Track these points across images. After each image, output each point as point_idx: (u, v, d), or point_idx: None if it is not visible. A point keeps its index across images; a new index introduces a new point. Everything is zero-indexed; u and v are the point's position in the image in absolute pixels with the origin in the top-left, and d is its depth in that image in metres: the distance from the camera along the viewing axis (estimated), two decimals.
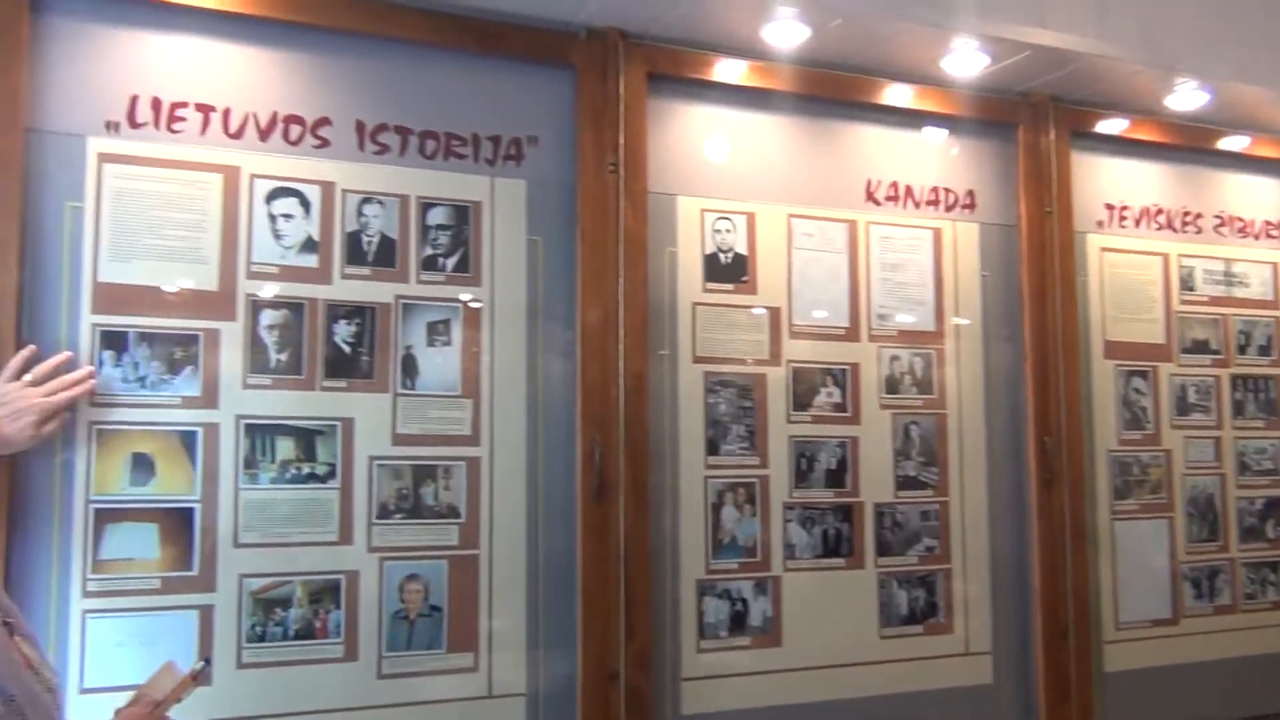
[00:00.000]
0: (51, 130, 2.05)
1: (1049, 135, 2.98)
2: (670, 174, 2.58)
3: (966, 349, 2.86)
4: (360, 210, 2.28)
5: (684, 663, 2.47)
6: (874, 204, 2.80)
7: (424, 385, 2.30)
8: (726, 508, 2.55)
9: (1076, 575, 2.86)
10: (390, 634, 2.22)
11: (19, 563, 1.97)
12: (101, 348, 2.06)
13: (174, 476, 2.09)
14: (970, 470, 2.82)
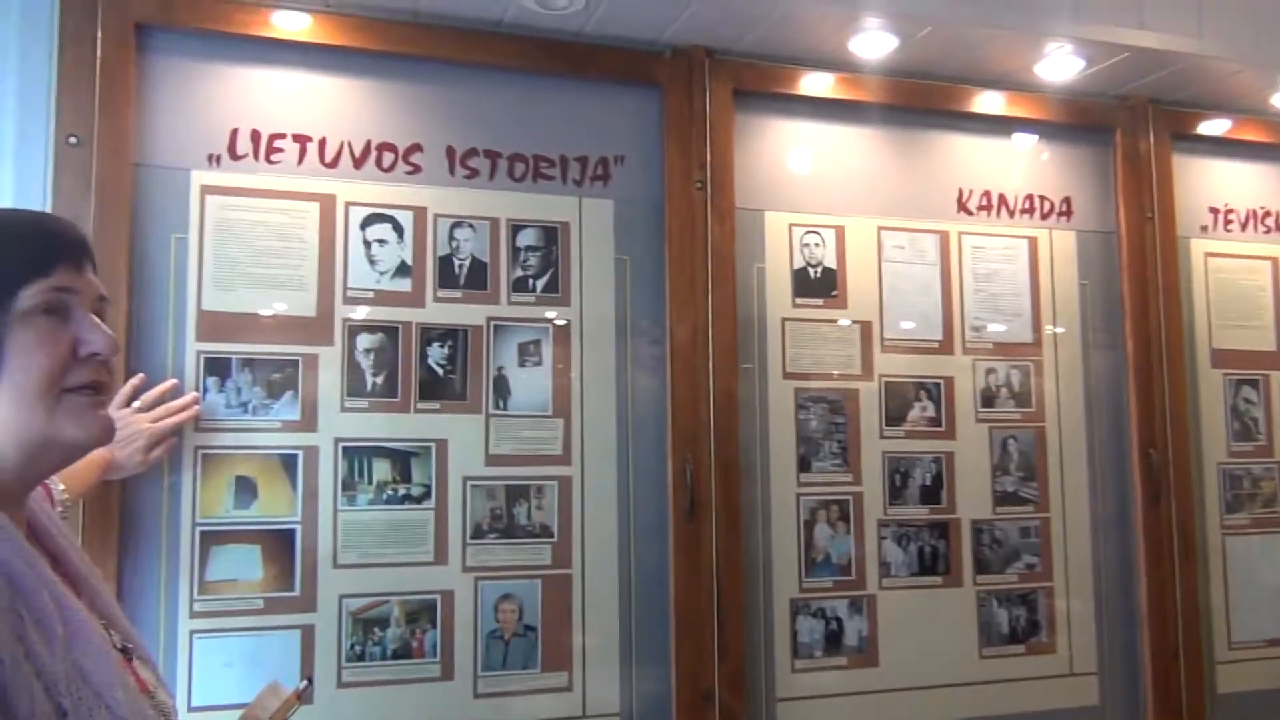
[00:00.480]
0: (158, 165, 2.12)
1: (1148, 139, 2.89)
2: (757, 189, 2.57)
3: (1065, 360, 2.78)
4: (451, 234, 2.31)
5: (778, 683, 2.45)
6: (966, 214, 2.75)
7: (515, 405, 2.32)
8: (819, 525, 2.52)
9: (1186, 593, 2.76)
10: (485, 653, 2.24)
11: (130, 584, 2.03)
12: (206, 374, 2.12)
13: (275, 498, 2.14)
14: (1072, 485, 2.74)
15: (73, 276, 1.08)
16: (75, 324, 1.07)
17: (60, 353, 1.05)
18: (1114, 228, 2.87)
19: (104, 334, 1.09)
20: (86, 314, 1.09)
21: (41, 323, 1.04)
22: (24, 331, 1.03)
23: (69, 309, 1.07)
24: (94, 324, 1.09)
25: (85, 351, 1.07)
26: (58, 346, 1.05)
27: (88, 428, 1.08)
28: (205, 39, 2.17)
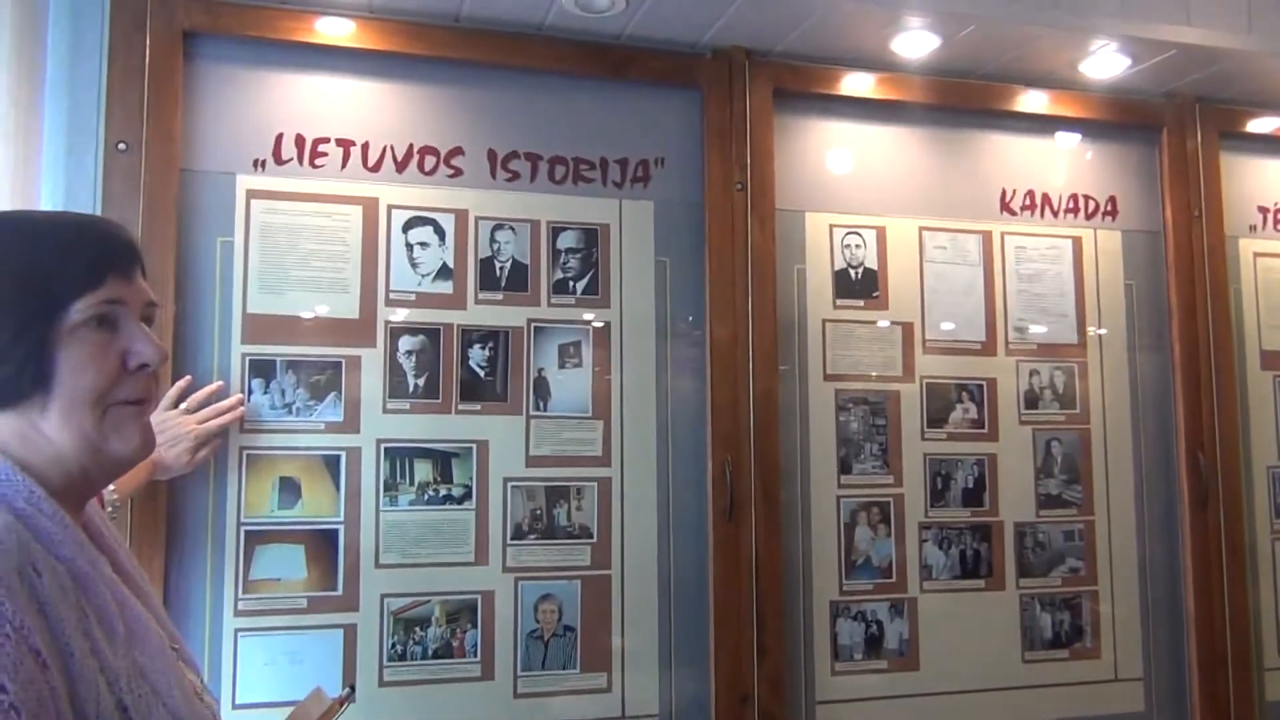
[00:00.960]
0: (204, 170, 2.16)
1: (1195, 136, 2.84)
2: (798, 190, 2.56)
3: (1111, 361, 2.75)
4: (493, 236, 2.33)
5: (818, 685, 2.44)
6: (1009, 214, 2.73)
7: (556, 407, 2.33)
8: (860, 527, 2.51)
9: (1234, 598, 2.71)
10: (525, 653, 2.25)
11: (176, 582, 2.07)
12: (251, 376, 2.15)
13: (319, 499, 2.17)
14: (1117, 488, 2.71)
15: (123, 286, 1.09)
16: (125, 335, 1.08)
17: (110, 367, 1.07)
18: (1160, 227, 2.83)
19: (153, 345, 1.10)
20: (136, 324, 1.10)
21: (92, 337, 1.06)
22: (75, 345, 1.04)
23: (118, 320, 1.08)
24: (144, 334, 1.10)
25: (135, 363, 1.09)
26: (108, 360, 1.06)
27: (130, 441, 1.10)
28: (251, 45, 2.20)
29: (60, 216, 1.13)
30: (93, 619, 1.03)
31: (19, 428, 1.04)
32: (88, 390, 1.05)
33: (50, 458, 1.05)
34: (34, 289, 1.04)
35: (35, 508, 1.02)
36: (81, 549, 1.05)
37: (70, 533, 1.04)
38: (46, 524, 1.02)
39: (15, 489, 1.01)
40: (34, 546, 0.99)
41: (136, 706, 1.04)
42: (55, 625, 0.97)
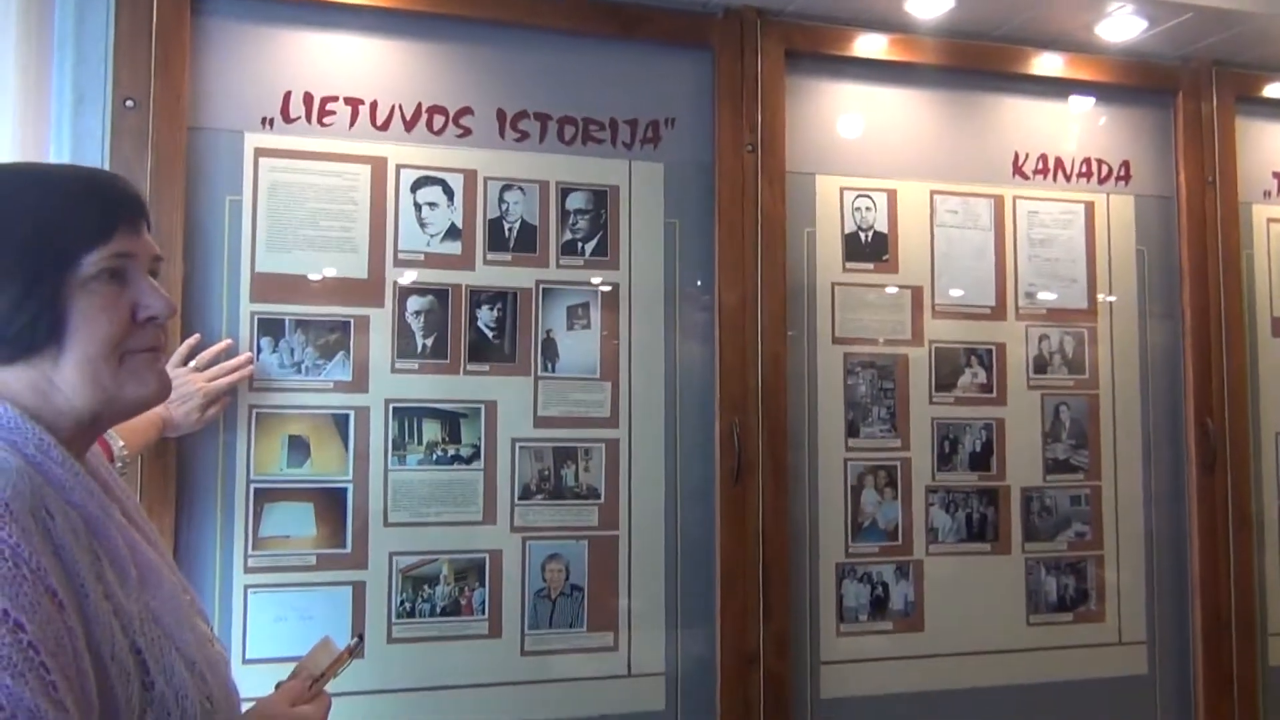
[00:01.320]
0: (213, 128, 2.15)
1: (1211, 101, 2.82)
2: (809, 153, 2.54)
3: (1121, 327, 2.74)
4: (501, 197, 2.32)
5: (823, 646, 2.46)
6: (1022, 178, 2.71)
7: (564, 368, 2.33)
8: (866, 490, 2.52)
9: (1240, 564, 2.72)
10: (533, 612, 2.27)
11: (186, 539, 2.08)
12: (259, 335, 2.15)
13: (327, 458, 2.18)
14: (1125, 453, 2.71)
15: (131, 240, 1.10)
16: (133, 287, 1.10)
17: (121, 318, 1.08)
18: (1173, 193, 2.81)
19: (161, 297, 1.12)
20: (144, 276, 1.12)
21: (103, 289, 1.07)
22: (87, 298, 1.06)
23: (127, 273, 1.10)
24: (152, 287, 1.12)
25: (144, 315, 1.10)
26: (119, 312, 1.08)
27: (148, 385, 1.12)
28: (259, 2, 2.18)
29: (68, 170, 1.13)
30: (105, 563, 1.05)
31: (31, 379, 1.05)
32: (102, 341, 1.07)
33: (61, 407, 1.07)
34: (46, 243, 1.05)
35: (45, 454, 1.03)
36: (92, 495, 1.07)
37: (81, 479, 1.06)
38: (57, 470, 1.04)
39: (25, 436, 1.03)
40: (46, 490, 1.01)
41: (150, 649, 1.06)
42: (70, 567, 0.99)
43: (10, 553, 0.92)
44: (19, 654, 0.89)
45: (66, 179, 1.11)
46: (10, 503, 0.95)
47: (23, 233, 1.04)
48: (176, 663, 1.09)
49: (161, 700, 1.05)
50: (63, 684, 0.91)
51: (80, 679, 0.95)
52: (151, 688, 1.05)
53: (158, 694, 1.05)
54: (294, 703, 1.28)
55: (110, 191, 1.11)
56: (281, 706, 1.26)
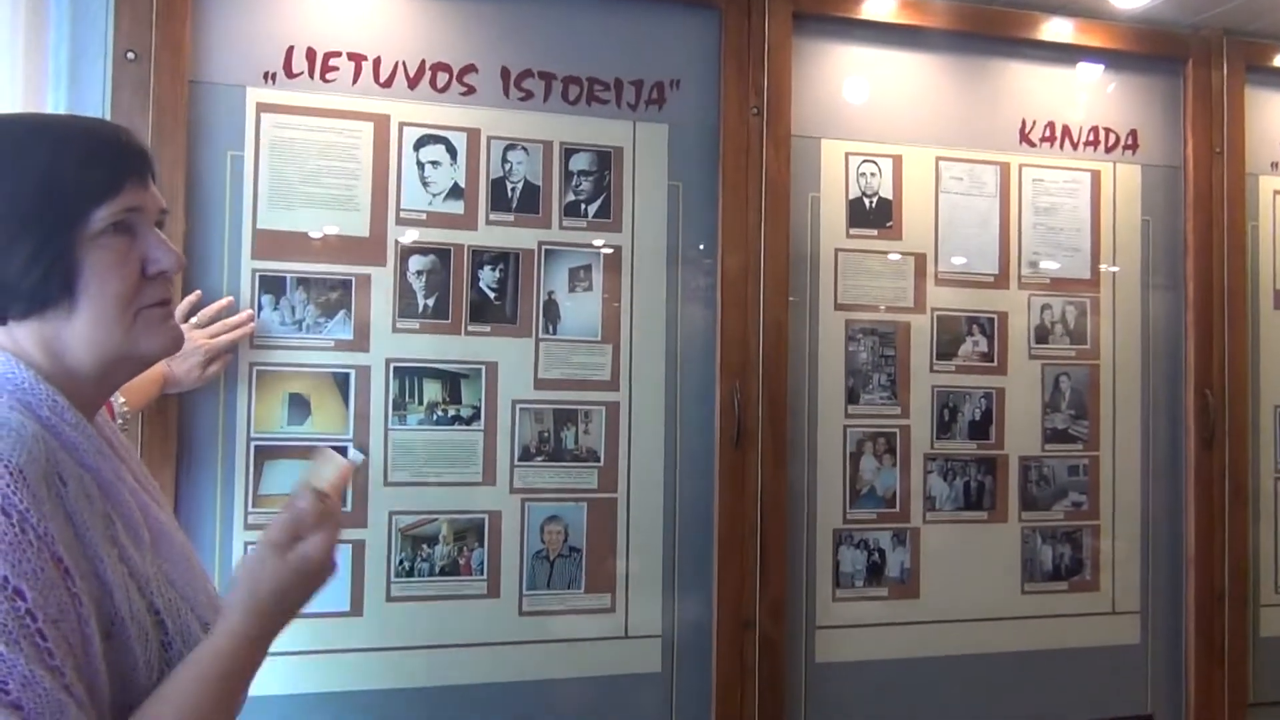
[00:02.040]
0: (213, 82, 2.13)
1: (1221, 70, 2.79)
2: (814, 116, 2.52)
3: (1124, 298, 2.73)
4: (505, 157, 2.30)
5: (819, 611, 2.47)
6: (1028, 145, 2.69)
7: (565, 330, 2.33)
8: (865, 457, 2.52)
9: (1234, 536, 2.73)
10: (531, 573, 2.28)
11: (186, 495, 2.09)
12: (261, 292, 2.14)
13: (328, 416, 2.18)
14: (1124, 424, 2.71)
15: (139, 194, 1.09)
16: (142, 241, 1.10)
17: (132, 272, 1.08)
18: (1180, 162, 2.79)
19: (170, 251, 1.11)
20: (152, 230, 1.11)
21: (113, 243, 1.06)
22: (98, 252, 1.05)
23: (136, 226, 1.09)
24: (160, 241, 1.11)
25: (154, 270, 1.10)
26: (129, 267, 1.08)
27: (162, 339, 1.12)
28: None
29: (75, 123, 1.12)
30: (119, 525, 1.05)
31: (43, 336, 1.05)
32: (115, 297, 1.06)
33: (71, 365, 1.07)
34: (56, 199, 1.04)
35: (59, 417, 1.03)
36: (105, 458, 1.07)
37: (93, 441, 1.06)
38: (70, 433, 1.04)
39: (39, 398, 1.03)
40: (60, 455, 1.01)
41: (167, 609, 1.07)
42: (83, 533, 0.99)
43: (18, 518, 0.92)
44: (15, 621, 0.89)
45: (74, 133, 1.09)
46: (24, 468, 0.94)
47: (33, 188, 1.03)
48: (192, 623, 1.11)
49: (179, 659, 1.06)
50: (61, 651, 0.92)
51: (84, 645, 0.95)
52: (169, 648, 1.06)
53: (175, 654, 1.06)
54: (294, 535, 1.11)
55: (118, 145, 1.10)
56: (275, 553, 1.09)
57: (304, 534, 1.10)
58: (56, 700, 0.90)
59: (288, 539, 1.10)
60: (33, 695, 0.88)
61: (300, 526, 1.10)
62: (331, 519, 1.14)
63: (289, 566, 1.09)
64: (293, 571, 1.09)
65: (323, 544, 1.11)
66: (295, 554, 1.09)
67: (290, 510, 1.12)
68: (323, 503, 1.13)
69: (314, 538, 1.11)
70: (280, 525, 1.11)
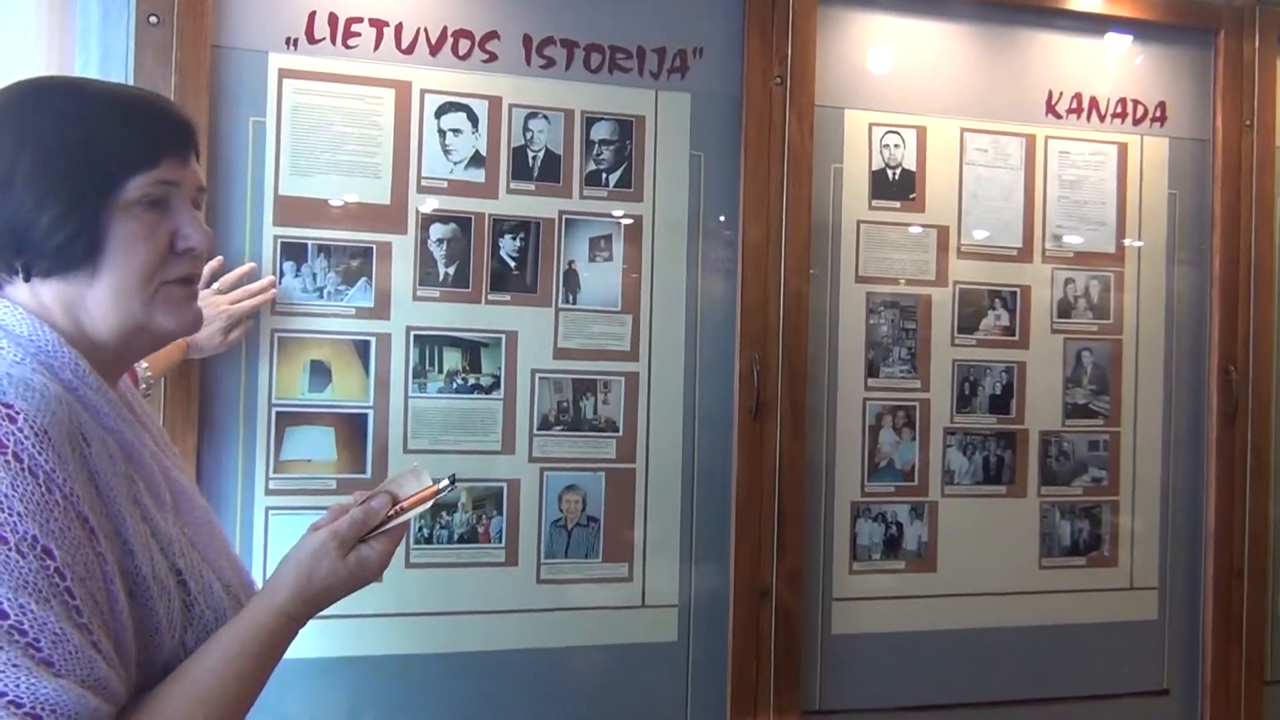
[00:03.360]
0: (236, 47, 2.12)
1: (1253, 41, 2.75)
2: (838, 86, 2.50)
3: (1148, 273, 2.71)
4: (526, 125, 2.29)
5: (835, 583, 2.48)
6: (1055, 117, 2.66)
7: (585, 300, 2.32)
8: (884, 430, 2.52)
9: (1255, 512, 2.72)
10: (549, 541, 2.29)
11: (208, 460, 2.10)
12: (282, 259, 2.15)
13: (349, 383, 2.19)
14: (1145, 400, 2.69)
15: (177, 169, 1.10)
16: (174, 216, 1.10)
17: (159, 246, 1.08)
18: (1209, 136, 2.75)
19: (200, 229, 1.11)
20: (186, 206, 1.11)
21: (144, 215, 1.07)
22: (127, 222, 1.06)
23: (169, 201, 1.10)
24: (192, 218, 1.11)
25: (182, 246, 1.10)
26: (157, 240, 1.08)
27: (179, 318, 1.12)
28: None
29: (122, 90, 1.12)
30: (141, 487, 1.07)
31: (65, 297, 1.06)
32: (139, 268, 1.07)
33: (89, 331, 1.07)
34: (92, 162, 1.04)
35: (81, 380, 1.04)
36: (126, 421, 1.08)
37: (115, 406, 1.07)
38: (92, 396, 1.04)
39: (62, 361, 1.03)
40: (83, 416, 1.02)
41: (190, 570, 1.09)
42: (106, 493, 1.00)
43: (45, 478, 0.93)
44: (45, 579, 0.90)
45: (120, 99, 1.09)
46: (49, 429, 0.95)
47: (72, 149, 1.04)
48: (214, 583, 1.12)
49: (201, 619, 1.08)
50: (89, 609, 0.93)
51: (110, 603, 0.96)
52: (192, 608, 1.08)
53: (197, 613, 1.08)
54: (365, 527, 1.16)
55: (162, 117, 1.11)
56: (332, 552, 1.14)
57: (368, 536, 1.16)
58: (87, 657, 0.91)
59: (353, 536, 1.15)
60: (63, 652, 0.90)
61: (368, 526, 1.16)
62: (398, 531, 1.20)
63: (346, 566, 1.15)
64: (348, 572, 1.15)
65: (383, 553, 1.18)
66: (355, 555, 1.15)
67: (364, 509, 1.17)
68: (395, 512, 1.18)
69: (376, 544, 1.17)
70: (350, 521, 1.16)
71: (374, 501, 1.19)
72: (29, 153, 1.02)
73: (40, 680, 0.88)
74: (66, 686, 0.89)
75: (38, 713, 0.87)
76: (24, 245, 1.03)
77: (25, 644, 0.88)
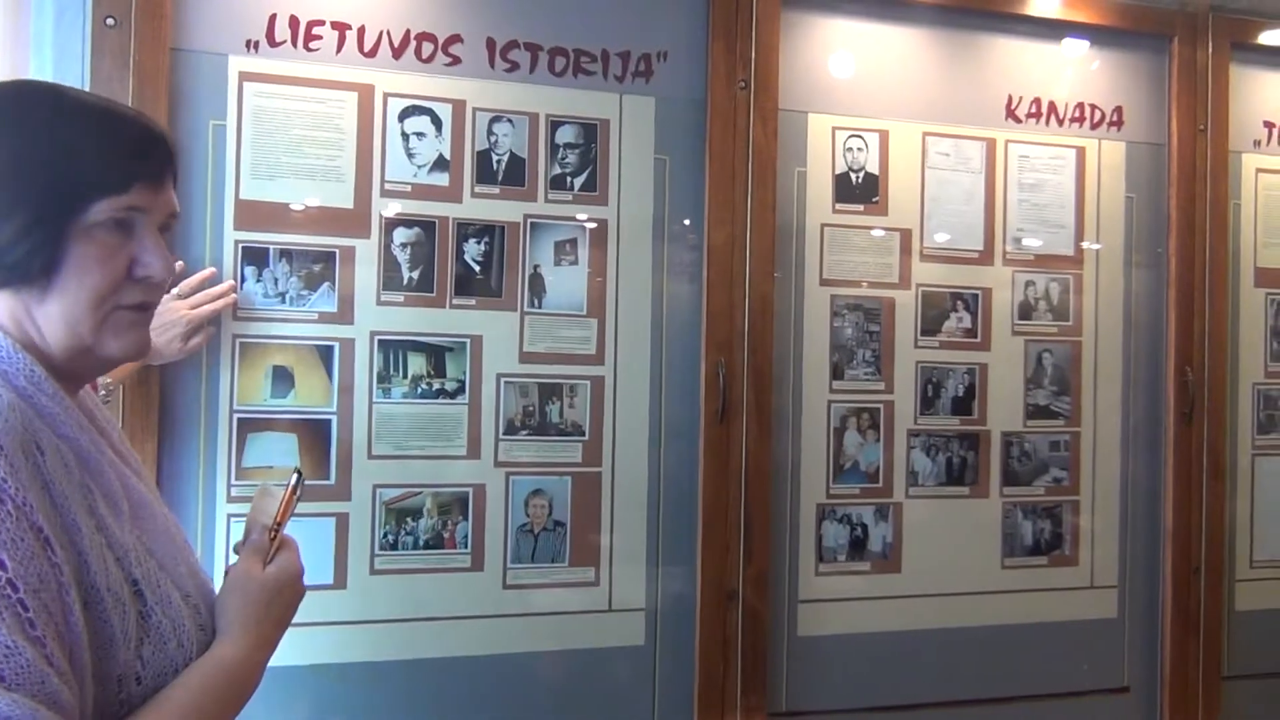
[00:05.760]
0: (195, 49, 2.09)
1: (1206, 48, 2.79)
2: (802, 90, 2.51)
3: (1106, 275, 2.74)
4: (490, 129, 2.28)
5: (801, 585, 2.49)
6: (1015, 121, 2.69)
7: (550, 304, 2.32)
8: (849, 432, 2.53)
9: (1211, 511, 2.76)
10: (515, 546, 2.28)
11: (169, 467, 2.07)
12: (243, 263, 2.12)
13: (312, 389, 2.17)
14: (1105, 401, 2.73)
15: (148, 195, 1.07)
16: (136, 242, 1.07)
17: (116, 271, 1.06)
18: (1165, 140, 2.79)
19: (161, 257, 1.09)
20: (151, 232, 1.09)
21: (105, 238, 1.05)
22: (87, 244, 1.03)
23: (135, 226, 1.07)
24: (155, 245, 1.09)
25: (140, 274, 1.08)
26: (115, 265, 1.06)
27: (125, 345, 1.10)
28: None
29: (103, 106, 1.09)
30: (98, 496, 1.05)
31: (12, 309, 1.04)
32: (91, 291, 1.04)
33: (39, 344, 1.06)
34: (63, 179, 1.02)
35: (36, 387, 1.02)
36: (83, 428, 1.06)
37: (72, 413, 1.05)
38: (47, 403, 1.02)
39: (16, 367, 1.01)
40: (37, 424, 1.00)
41: (146, 580, 1.07)
42: (60, 502, 0.98)
43: None
44: None
45: (100, 116, 1.07)
46: (1, 438, 0.93)
47: (44, 163, 1.02)
48: (172, 593, 1.10)
49: (159, 630, 1.06)
50: (42, 620, 0.91)
51: (65, 614, 0.95)
52: (148, 618, 1.06)
53: (154, 624, 1.06)
54: (262, 560, 1.21)
55: (140, 141, 1.08)
56: (253, 572, 1.19)
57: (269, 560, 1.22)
58: (38, 671, 0.89)
59: (259, 561, 1.21)
60: (14, 666, 0.88)
61: (263, 555, 1.22)
62: (289, 543, 1.26)
63: (271, 575, 1.20)
64: (274, 579, 1.20)
65: (292, 557, 1.24)
66: (273, 564, 1.22)
67: (250, 546, 1.23)
68: (274, 535, 1.24)
69: (281, 556, 1.23)
70: (246, 556, 1.22)
71: (253, 537, 1.24)
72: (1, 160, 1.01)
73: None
74: (19, 700, 0.87)
75: None
76: None
77: None
